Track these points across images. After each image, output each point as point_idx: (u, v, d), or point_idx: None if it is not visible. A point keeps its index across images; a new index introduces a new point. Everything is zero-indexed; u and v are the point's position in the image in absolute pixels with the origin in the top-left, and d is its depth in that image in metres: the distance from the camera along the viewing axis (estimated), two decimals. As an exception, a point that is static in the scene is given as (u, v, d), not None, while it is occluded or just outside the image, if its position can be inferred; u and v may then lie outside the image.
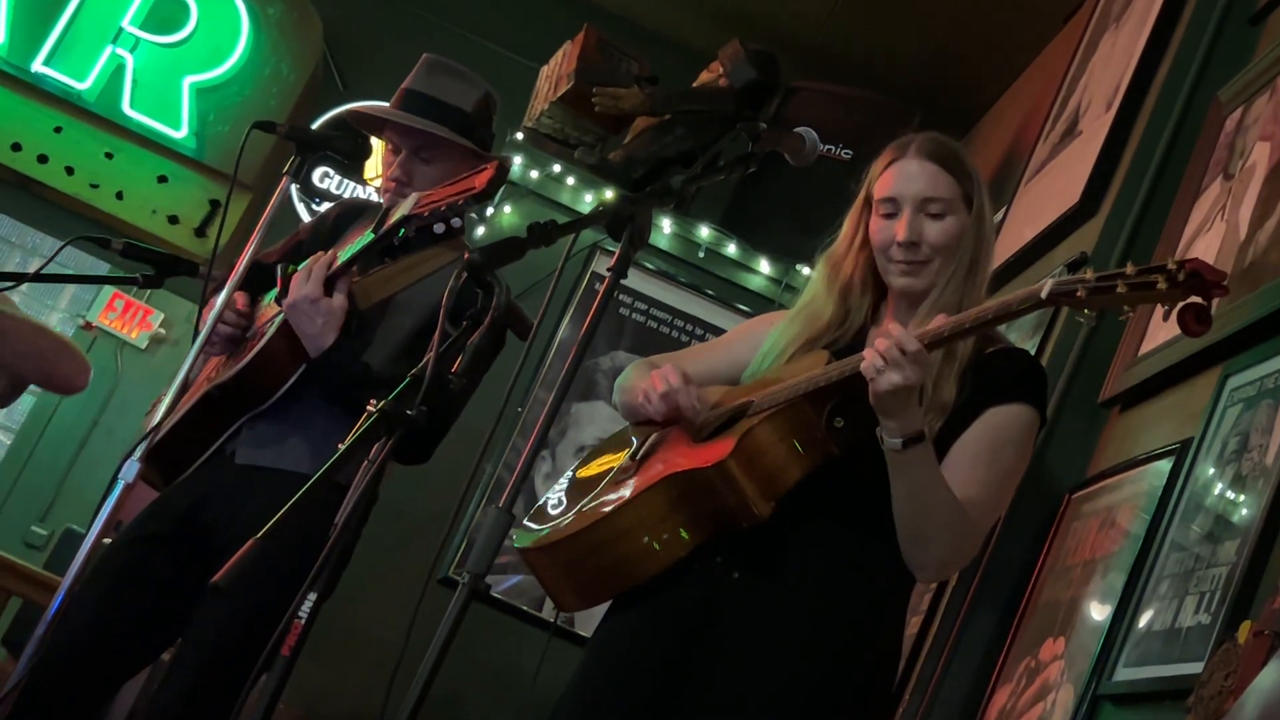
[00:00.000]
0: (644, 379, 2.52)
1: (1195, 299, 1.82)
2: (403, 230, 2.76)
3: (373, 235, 2.85)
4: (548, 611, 5.14)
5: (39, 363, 3.55)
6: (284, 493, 2.00)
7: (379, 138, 3.20)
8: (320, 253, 2.93)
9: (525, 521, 2.53)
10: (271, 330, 2.89)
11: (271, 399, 2.91)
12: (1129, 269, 1.87)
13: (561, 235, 2.14)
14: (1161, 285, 1.83)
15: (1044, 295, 1.99)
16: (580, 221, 2.23)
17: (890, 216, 2.45)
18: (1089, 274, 1.93)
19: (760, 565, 2.32)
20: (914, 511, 2.26)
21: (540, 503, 2.59)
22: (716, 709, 2.27)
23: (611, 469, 2.51)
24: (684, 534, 2.31)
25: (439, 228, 2.67)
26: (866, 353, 2.15)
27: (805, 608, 2.30)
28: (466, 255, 2.03)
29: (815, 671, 2.28)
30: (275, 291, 3.01)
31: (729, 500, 2.27)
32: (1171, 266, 1.82)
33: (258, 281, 3.05)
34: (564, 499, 2.54)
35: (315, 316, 2.84)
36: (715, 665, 2.29)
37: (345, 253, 2.92)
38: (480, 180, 2.54)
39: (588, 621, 4.74)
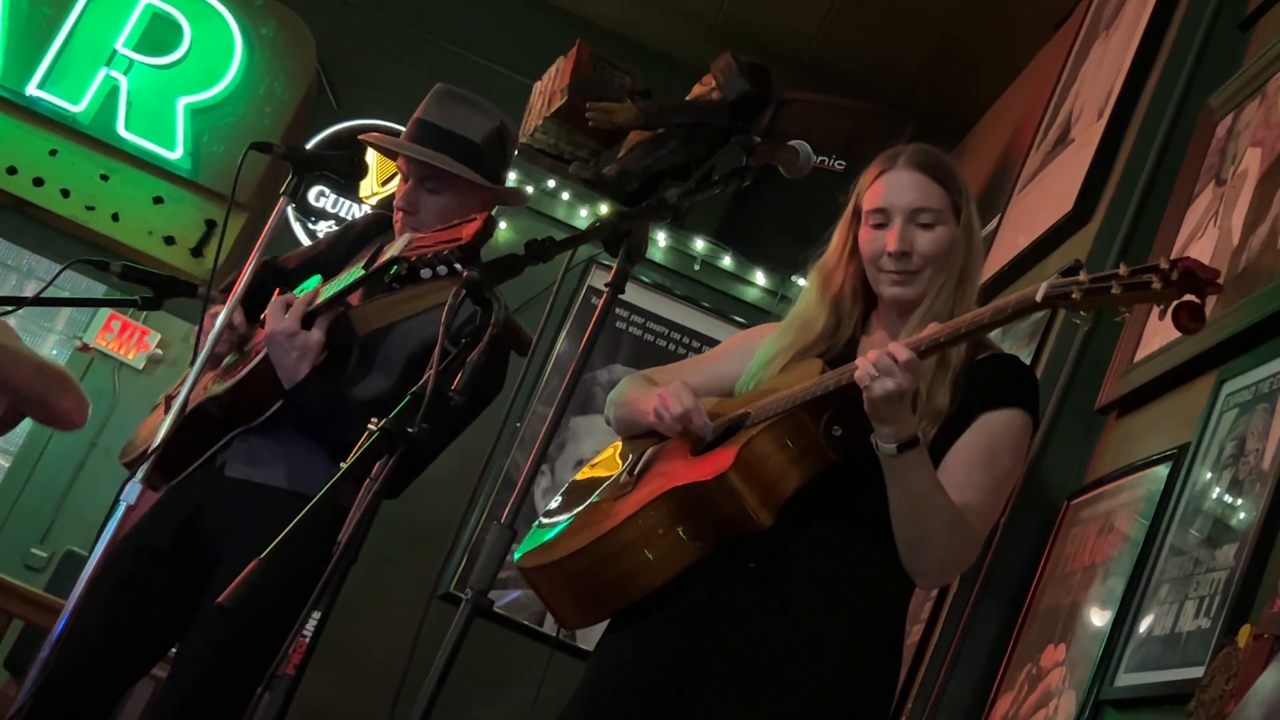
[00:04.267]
0: (643, 394, 2.53)
1: (1190, 297, 1.83)
2: (395, 268, 2.78)
3: (362, 271, 2.87)
4: (549, 626, 5.13)
5: (40, 399, 3.54)
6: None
7: (395, 163, 3.21)
8: (319, 278, 2.95)
9: (525, 540, 2.53)
10: (263, 352, 2.92)
11: (261, 417, 2.95)
12: (1123, 269, 1.89)
13: (559, 251, 2.15)
14: (1156, 285, 1.84)
15: (1039, 298, 2.00)
16: (578, 238, 2.24)
17: (880, 227, 2.47)
18: (1083, 276, 1.95)
19: (761, 575, 2.33)
20: (911, 516, 2.27)
21: (538, 519, 2.60)
22: (720, 720, 2.28)
23: (608, 484, 2.51)
24: (686, 547, 2.32)
25: (425, 273, 2.69)
26: (859, 361, 2.17)
27: (807, 617, 2.31)
28: (465, 274, 2.04)
29: (818, 681, 2.28)
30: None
31: (730, 511, 2.28)
32: (1165, 266, 1.83)
33: (274, 283, 3.07)
34: (562, 515, 2.54)
35: (290, 350, 2.88)
36: (718, 677, 2.29)
37: (330, 288, 2.94)
38: (467, 231, 2.56)
39: (589, 636, 4.74)
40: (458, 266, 2.38)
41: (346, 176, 3.05)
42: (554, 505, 2.62)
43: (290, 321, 2.89)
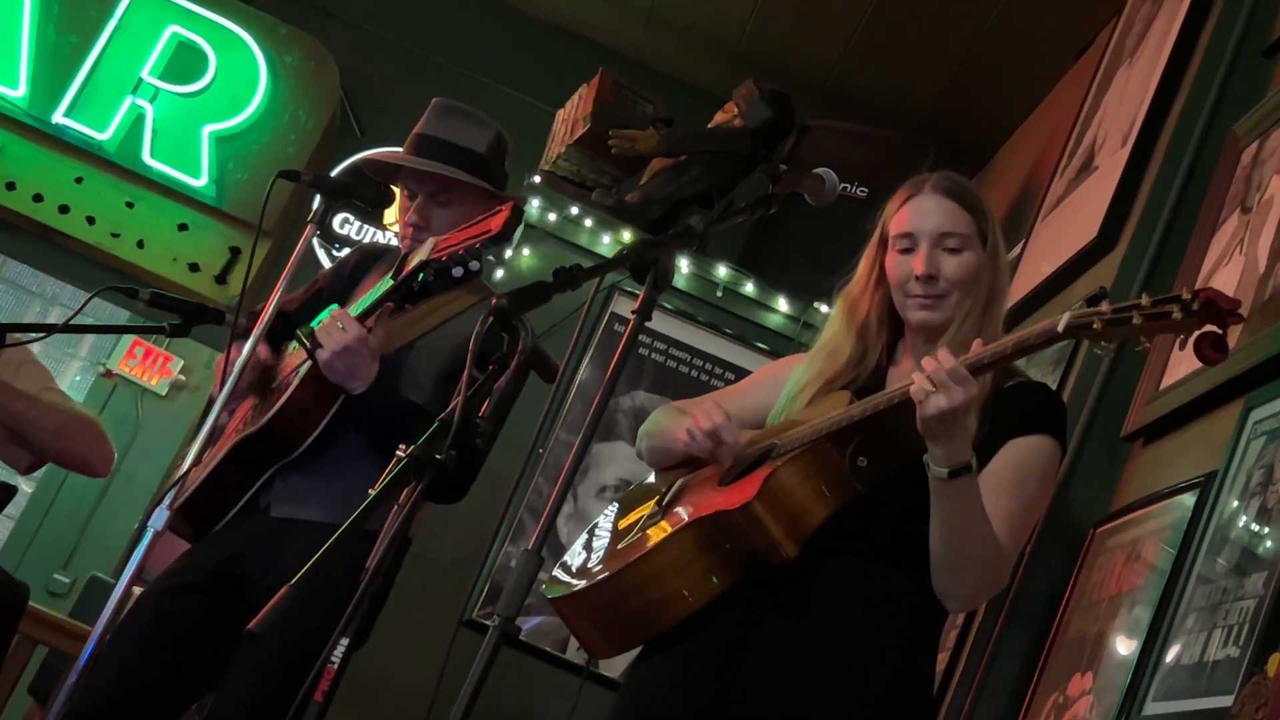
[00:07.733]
0: (675, 421, 2.54)
1: (1211, 328, 1.83)
2: (421, 275, 2.77)
3: (391, 281, 2.86)
4: (572, 653, 5.13)
5: (59, 452, 3.58)
6: (319, 543, 2.01)
7: (394, 184, 3.21)
8: (336, 306, 2.94)
9: (555, 570, 2.53)
10: (297, 379, 2.90)
11: (300, 448, 2.92)
12: (1144, 300, 1.90)
13: (587, 279, 2.16)
14: (1177, 315, 1.84)
15: (1061, 328, 2.01)
16: (606, 265, 2.24)
17: (907, 252, 2.48)
18: (1105, 306, 1.95)
19: (789, 606, 2.33)
20: (952, 542, 2.27)
21: (569, 550, 2.60)
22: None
23: (641, 517, 2.52)
24: (713, 577, 2.32)
25: (458, 271, 2.68)
26: (915, 376, 2.17)
27: (836, 647, 2.31)
28: (494, 301, 2.05)
29: (850, 711, 2.28)
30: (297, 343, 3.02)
31: (756, 541, 2.28)
32: (1186, 296, 1.84)
33: (280, 330, 3.07)
34: (593, 547, 2.54)
35: (366, 355, 2.82)
36: (749, 709, 2.29)
37: (361, 303, 2.93)
38: (496, 222, 2.55)
39: (615, 665, 4.73)
40: (492, 258, 2.36)
41: (373, 204, 3.06)
42: (583, 538, 2.62)
43: (356, 328, 2.81)
